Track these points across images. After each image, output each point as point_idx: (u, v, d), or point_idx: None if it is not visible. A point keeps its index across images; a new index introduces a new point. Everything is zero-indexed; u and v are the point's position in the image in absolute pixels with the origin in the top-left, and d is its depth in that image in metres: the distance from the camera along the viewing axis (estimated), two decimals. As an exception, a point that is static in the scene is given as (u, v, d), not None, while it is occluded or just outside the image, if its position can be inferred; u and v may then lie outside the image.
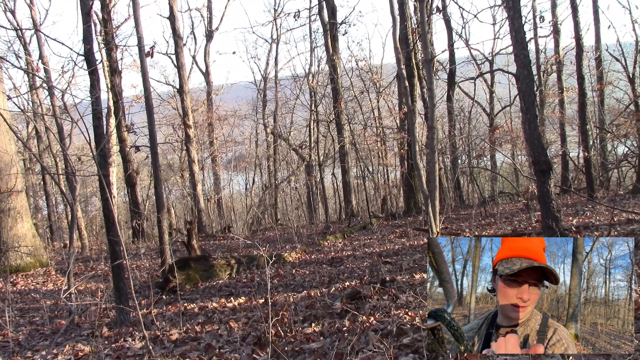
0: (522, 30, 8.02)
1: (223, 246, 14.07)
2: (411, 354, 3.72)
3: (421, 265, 7.76)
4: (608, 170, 18.24)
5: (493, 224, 11.54)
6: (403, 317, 4.67)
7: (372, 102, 22.97)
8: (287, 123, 26.73)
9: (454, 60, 20.17)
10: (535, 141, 7.91)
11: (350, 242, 12.10)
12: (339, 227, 15.84)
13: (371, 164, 22.31)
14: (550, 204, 7.81)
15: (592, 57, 19.00)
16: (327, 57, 19.98)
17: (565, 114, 19.42)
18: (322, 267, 9.03)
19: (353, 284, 6.87)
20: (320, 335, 4.69)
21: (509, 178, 21.04)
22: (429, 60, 10.22)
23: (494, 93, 23.44)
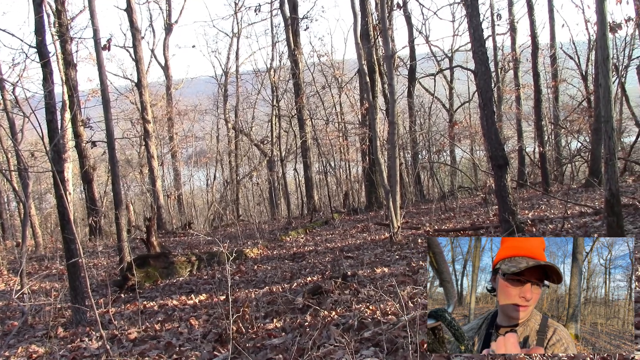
0: (479, 28, 8.17)
1: (183, 243, 13.88)
2: (372, 347, 3.75)
3: (382, 260, 7.84)
4: (562, 164, 18.80)
5: (452, 217, 11.74)
6: (364, 311, 4.70)
7: (334, 97, 23.01)
8: (249, 118, 26.52)
9: (415, 57, 20.40)
10: (493, 137, 8.07)
11: (312, 238, 12.11)
12: (301, 223, 15.84)
13: (333, 159, 22.37)
14: (507, 198, 7.99)
15: (547, 55, 19.53)
16: (288, 52, 19.90)
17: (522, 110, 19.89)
18: (284, 263, 9.01)
19: (315, 279, 6.88)
20: (281, 330, 4.68)
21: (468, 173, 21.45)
22: (389, 56, 10.29)
23: (454, 89, 23.82)
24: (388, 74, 10.41)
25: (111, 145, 8.91)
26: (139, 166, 23.18)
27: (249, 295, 6.53)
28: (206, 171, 27.24)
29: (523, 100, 20.69)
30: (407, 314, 3.90)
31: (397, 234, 9.37)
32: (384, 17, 10.24)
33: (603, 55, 5.23)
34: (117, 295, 7.82)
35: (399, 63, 21.30)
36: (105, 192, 20.99)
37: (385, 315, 4.47)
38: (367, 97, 10.99)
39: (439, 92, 24.48)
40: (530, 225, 8.44)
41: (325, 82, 22.65)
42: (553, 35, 18.18)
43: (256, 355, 4.12)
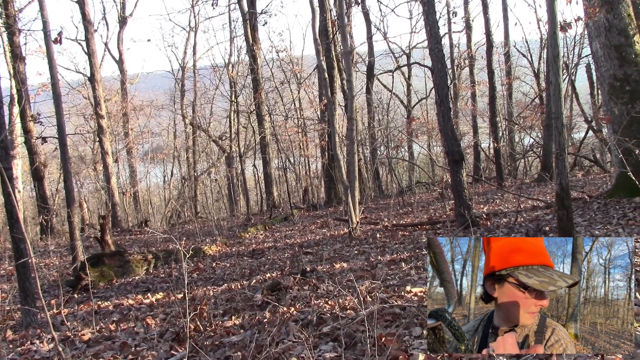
0: (436, 25, 8.28)
1: (140, 241, 13.61)
2: (331, 342, 3.76)
3: (341, 255, 7.88)
4: (516, 160, 19.33)
5: (410, 212, 11.90)
6: (323, 307, 4.70)
7: (292, 93, 22.95)
8: (207, 114, 26.17)
9: (373, 53, 20.56)
10: (449, 132, 8.21)
11: (271, 234, 12.07)
12: (260, 219, 15.76)
13: (292, 155, 22.34)
14: (462, 192, 8.15)
15: (502, 53, 20.02)
16: (247, 47, 19.73)
17: (477, 107, 20.35)
18: (243, 260, 8.94)
19: (274, 276, 6.85)
20: (240, 328, 4.63)
21: (426, 168, 21.78)
22: (348, 52, 10.33)
23: (411, 86, 24.14)
24: (346, 70, 10.44)
25: (63, 141, 8.63)
26: (93, 163, 22.56)
27: (207, 292, 6.45)
28: (163, 168, 26.75)
29: (478, 97, 21.15)
30: (365, 309, 3.92)
31: (356, 229, 9.43)
32: (342, 13, 10.27)
33: (553, 54, 5.38)
34: (70, 295, 7.59)
35: (357, 59, 21.44)
36: (57, 189, 20.34)
37: (344, 310, 4.49)
38: (325, 93, 11.01)
39: (397, 89, 24.77)
40: (485, 219, 8.63)
41: (284, 78, 22.59)
42: (507, 34, 18.64)
43: (214, 353, 4.07)
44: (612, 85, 8.04)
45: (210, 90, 25.45)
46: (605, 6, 7.90)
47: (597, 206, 7.89)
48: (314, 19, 10.68)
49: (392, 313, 4.19)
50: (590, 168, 16.06)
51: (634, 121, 7.72)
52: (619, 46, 7.92)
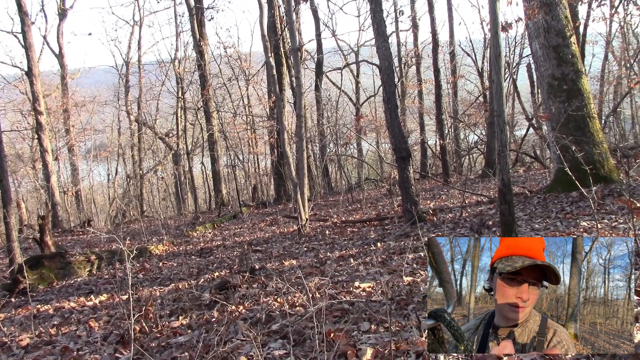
0: (383, 24, 8.37)
1: (82, 241, 13.15)
2: (280, 340, 3.74)
3: (291, 252, 7.86)
4: (461, 156, 19.84)
5: (359, 209, 12.01)
6: (272, 304, 4.68)
7: (241, 89, 22.73)
8: (153, 110, 25.55)
9: (322, 50, 20.61)
10: (396, 130, 8.33)
11: (220, 232, 11.92)
12: (208, 217, 15.54)
13: (241, 153, 22.13)
14: (409, 189, 8.29)
15: (447, 52, 20.49)
16: (194, 42, 19.39)
17: (424, 104, 20.76)
18: (190, 259, 8.79)
19: (222, 274, 6.77)
20: (188, 328, 4.55)
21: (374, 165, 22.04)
22: (296, 49, 10.30)
23: (360, 83, 24.34)
24: (295, 67, 10.42)
25: (-2, 138, 8.21)
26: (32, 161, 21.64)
27: (153, 293, 6.30)
28: (107, 166, 25.95)
29: (425, 95, 21.58)
30: (314, 305, 3.93)
31: (305, 226, 9.44)
32: (290, 10, 10.22)
33: (495, 53, 5.54)
34: (7, 299, 7.25)
35: (306, 56, 21.44)
36: (-8, 189, 19.39)
37: (293, 307, 4.48)
38: (274, 90, 10.95)
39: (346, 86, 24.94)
40: (431, 214, 8.80)
41: (232, 75, 22.33)
42: (452, 33, 19.08)
43: (161, 354, 3.98)
44: (551, 84, 8.35)
45: (156, 86, 24.88)
46: (544, 8, 8.20)
47: (537, 201, 8.18)
48: (262, 15, 10.59)
49: (341, 309, 4.21)
50: (531, 164, 16.64)
51: (571, 119, 8.06)
52: (557, 47, 8.24)
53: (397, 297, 4.30)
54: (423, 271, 5.08)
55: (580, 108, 8.07)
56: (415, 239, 6.99)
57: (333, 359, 3.20)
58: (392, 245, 7.05)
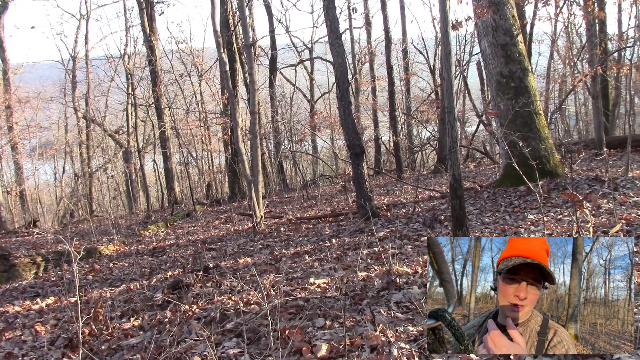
0: (336, 20, 8.39)
1: (28, 243, 12.66)
2: (234, 338, 3.71)
3: (245, 250, 7.80)
4: (414, 152, 20.15)
5: (314, 205, 12.03)
6: (226, 303, 4.63)
7: (194, 86, 22.38)
8: (102, 107, 24.81)
9: (275, 47, 20.51)
10: (350, 126, 8.37)
11: (173, 231, 11.71)
12: (161, 216, 15.26)
13: (195, 150, 21.79)
14: (363, 185, 8.36)
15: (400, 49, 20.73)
16: (144, 37, 18.92)
17: (377, 101, 20.97)
18: (142, 258, 8.60)
19: (176, 274, 6.65)
20: (139, 329, 4.45)
21: (329, 162, 22.12)
22: (249, 45, 10.21)
23: (314, 80, 24.37)
24: (248, 63, 10.33)
25: None
26: (-28, 160, 20.67)
27: (103, 294, 6.13)
28: (54, 164, 25.02)
29: (378, 91, 21.79)
30: (269, 303, 3.90)
31: (260, 223, 9.38)
32: (242, 5, 10.12)
33: (446, 51, 5.63)
34: (-54, 305, 6.90)
35: (260, 53, 21.28)
36: None
37: (248, 305, 4.45)
38: (227, 86, 10.82)
39: (300, 83, 24.92)
40: (385, 210, 8.91)
41: (184, 70, 21.95)
42: (404, 31, 19.33)
43: (111, 357, 3.88)
44: (499, 81, 8.57)
45: (105, 82, 24.17)
46: (492, 7, 8.40)
47: (487, 195, 8.39)
48: (214, 10, 10.46)
49: (296, 305, 4.21)
50: (481, 159, 17.06)
51: (518, 115, 8.30)
52: (505, 45, 8.46)
53: (352, 293, 4.32)
54: (377, 266, 5.13)
55: (527, 105, 8.32)
56: (369, 234, 7.05)
57: (288, 356, 3.19)
58: (347, 241, 7.10)
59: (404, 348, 2.94)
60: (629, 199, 6.35)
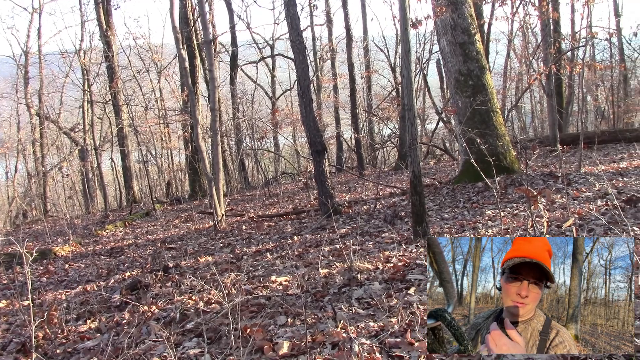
0: (297, 17, 8.37)
1: (-23, 245, 12.19)
2: (195, 338, 3.66)
3: (206, 249, 7.71)
4: (375, 149, 20.31)
5: (276, 203, 11.99)
6: (187, 303, 4.56)
7: (152, 82, 21.96)
8: (56, 103, 24.09)
9: (236, 43, 20.31)
10: (311, 124, 8.37)
11: (132, 230, 11.47)
12: (119, 215, 14.93)
13: (154, 148, 21.40)
14: (325, 182, 8.37)
15: (361, 47, 20.85)
16: (100, 32, 18.43)
17: (339, 99, 21.04)
18: (99, 259, 8.39)
19: (134, 274, 6.51)
20: (96, 331, 4.34)
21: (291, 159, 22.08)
22: (209, 41, 10.07)
23: (276, 77, 24.26)
24: (208, 59, 10.19)
25: None
26: None
27: (57, 297, 5.95)
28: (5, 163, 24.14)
29: (340, 89, 21.87)
30: (229, 302, 3.86)
31: (221, 221, 9.29)
32: (202, 0, 9.98)
33: (405, 49, 5.69)
34: None
35: (220, 49, 21.06)
36: None
37: (209, 305, 4.39)
38: (186, 83, 10.65)
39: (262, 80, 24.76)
40: (346, 207, 8.95)
41: (142, 67, 21.51)
42: (365, 29, 19.45)
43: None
44: (458, 79, 8.72)
45: (60, 78, 23.45)
46: (451, 6, 8.53)
47: (446, 191, 8.53)
48: (173, 5, 10.24)
49: (258, 304, 4.18)
50: (441, 156, 17.33)
51: (476, 113, 8.46)
52: (463, 44, 8.61)
53: (313, 290, 4.32)
54: (339, 263, 5.14)
55: (485, 102, 8.50)
56: (331, 231, 7.07)
57: (249, 354, 3.17)
58: (309, 238, 7.09)
59: (365, 343, 2.96)
60: (582, 194, 6.56)
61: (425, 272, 4.34)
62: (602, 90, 18.56)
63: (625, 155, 10.11)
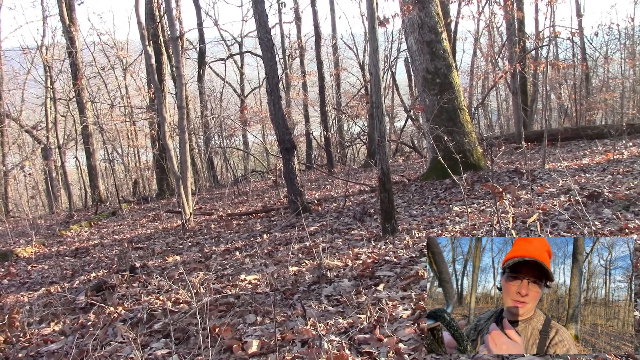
0: (264, 14, 8.32)
1: None
2: (162, 339, 3.61)
3: (174, 248, 7.61)
4: (344, 147, 20.37)
5: (246, 201, 11.91)
6: (154, 303, 4.49)
7: (118, 79, 21.55)
8: (17, 101, 23.41)
9: (204, 40, 20.08)
10: (280, 121, 8.34)
11: (98, 230, 11.24)
12: (85, 215, 14.62)
13: (120, 146, 21.01)
14: (294, 180, 8.36)
15: (330, 45, 20.86)
16: (63, 28, 17.98)
17: (308, 96, 21.00)
18: (64, 260, 8.19)
19: (100, 275, 6.39)
20: (60, 334, 4.24)
21: (260, 157, 21.97)
22: (175, 38, 9.93)
23: (244, 74, 24.09)
24: (175, 56, 10.05)
25: None
26: None
27: (19, 299, 5.80)
28: (-36, 162, 23.37)
29: (309, 86, 21.83)
30: (198, 301, 3.82)
31: (189, 220, 9.18)
32: (168, -4, 9.84)
33: (373, 47, 5.71)
34: None
35: (188, 46, 20.79)
36: None
37: (177, 305, 4.34)
38: (153, 80, 10.48)
39: (230, 77, 24.55)
40: (316, 204, 8.95)
41: (107, 63, 21.09)
42: (334, 26, 19.47)
43: (29, 365, 3.67)
44: (425, 77, 8.81)
45: (21, 75, 22.77)
46: (418, 5, 8.60)
47: (414, 188, 8.61)
48: (138, 1, 10.07)
49: (227, 303, 4.14)
50: (409, 154, 17.48)
51: (443, 111, 8.56)
52: (430, 42, 8.69)
53: (283, 288, 4.31)
54: (308, 260, 5.14)
55: (452, 100, 8.60)
56: (300, 229, 7.06)
57: (218, 354, 3.14)
58: (278, 236, 7.07)
59: (334, 340, 2.96)
60: (545, 189, 6.71)
61: (393, 268, 4.37)
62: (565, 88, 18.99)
63: (587, 152, 10.38)
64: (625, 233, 4.13)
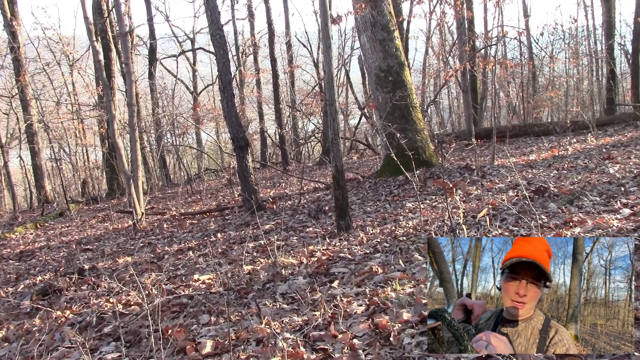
0: (216, 10, 8.20)
1: None
2: (113, 342, 3.52)
3: (125, 249, 7.43)
4: (299, 145, 20.36)
5: (199, 200, 11.75)
6: (104, 306, 4.37)
7: (64, 76, 20.84)
8: (-44, 98, 22.35)
9: (155, 36, 19.67)
10: (234, 119, 8.26)
11: (44, 232, 10.85)
12: (30, 217, 14.09)
13: (67, 145, 20.35)
14: (249, 178, 8.29)
15: (284, 42, 20.79)
16: (4, 21, 17.22)
17: (262, 94, 20.89)
18: (8, 264, 7.87)
19: (47, 278, 6.16)
20: (4, 340, 4.07)
21: (214, 155, 21.69)
22: (124, 33, 9.67)
23: (197, 71, 23.73)
24: (124, 52, 9.80)
25: None
26: None
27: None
28: None
29: (263, 84, 21.72)
30: (149, 303, 3.74)
31: (141, 220, 8.98)
32: (116, -10, 9.57)
33: (326, 44, 5.72)
34: None
35: (138, 42, 20.32)
36: None
37: (128, 307, 4.23)
38: (101, 76, 10.19)
39: (183, 74, 24.14)
40: (271, 202, 8.91)
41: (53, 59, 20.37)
42: (288, 24, 19.42)
43: (-30, 375, 3.51)
44: (378, 75, 8.90)
45: (-41, 71, 21.74)
46: (370, 3, 8.67)
47: (369, 185, 8.69)
48: (85, -6, 9.75)
49: (180, 303, 4.07)
50: (364, 151, 17.63)
51: (396, 108, 8.67)
52: (383, 40, 8.78)
53: (238, 287, 4.27)
54: (263, 259, 5.11)
55: (404, 98, 8.72)
56: (255, 227, 7.01)
57: (171, 355, 3.08)
58: (233, 235, 7.00)
59: (289, 338, 2.95)
60: (495, 185, 6.89)
61: (348, 265, 4.39)
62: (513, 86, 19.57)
63: (534, 148, 10.72)
64: (570, 226, 4.29)
